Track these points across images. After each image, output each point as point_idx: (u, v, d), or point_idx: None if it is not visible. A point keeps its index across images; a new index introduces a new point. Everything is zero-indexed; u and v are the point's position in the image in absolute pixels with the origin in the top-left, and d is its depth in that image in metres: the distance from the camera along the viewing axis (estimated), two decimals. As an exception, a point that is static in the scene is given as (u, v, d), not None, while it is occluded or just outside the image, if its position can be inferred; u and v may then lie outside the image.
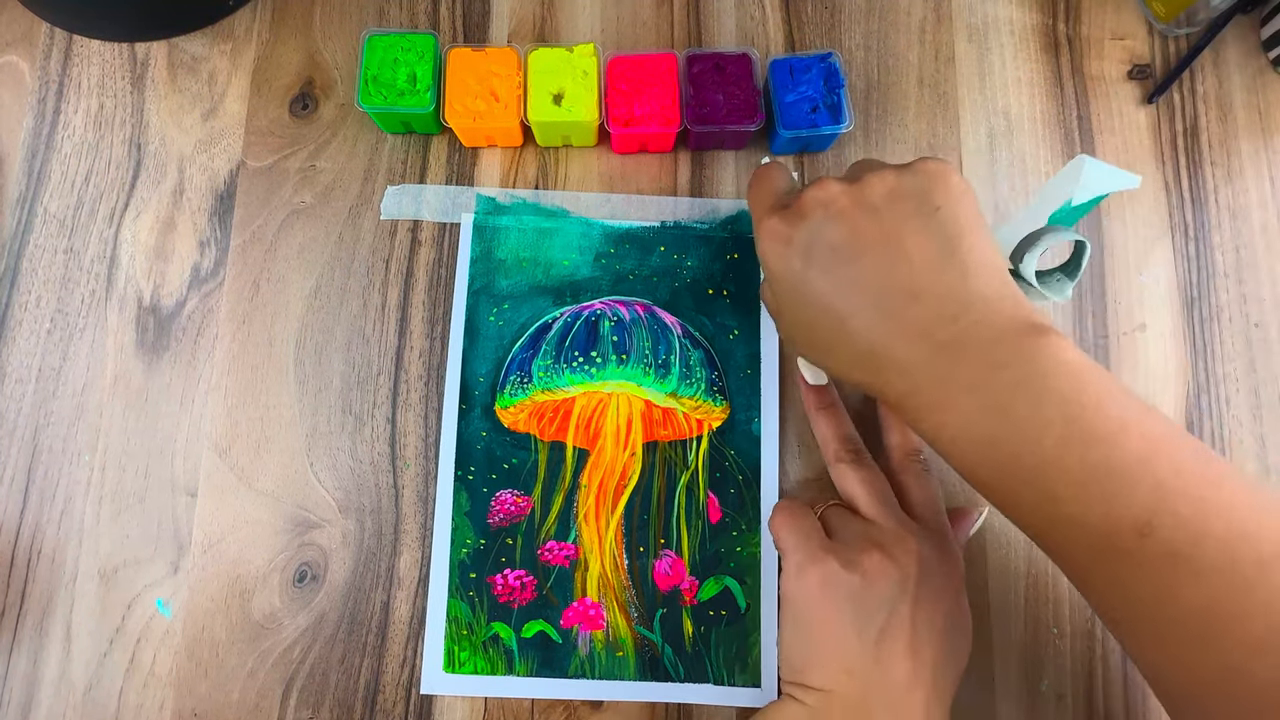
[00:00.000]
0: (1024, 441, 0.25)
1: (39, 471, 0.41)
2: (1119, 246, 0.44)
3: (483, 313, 0.42)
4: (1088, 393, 0.25)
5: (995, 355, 0.26)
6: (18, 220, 0.44)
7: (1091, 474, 0.24)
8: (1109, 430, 0.25)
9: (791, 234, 0.30)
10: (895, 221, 0.28)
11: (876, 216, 0.28)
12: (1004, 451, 0.26)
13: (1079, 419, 0.25)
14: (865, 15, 0.46)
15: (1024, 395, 0.25)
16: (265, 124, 0.45)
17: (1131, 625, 0.27)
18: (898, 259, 0.28)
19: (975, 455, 0.27)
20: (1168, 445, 0.25)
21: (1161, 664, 0.26)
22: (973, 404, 0.26)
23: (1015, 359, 0.26)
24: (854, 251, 0.28)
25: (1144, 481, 0.24)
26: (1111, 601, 0.27)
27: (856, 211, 0.29)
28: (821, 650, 0.32)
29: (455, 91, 0.42)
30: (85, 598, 0.40)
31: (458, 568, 0.40)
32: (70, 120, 0.45)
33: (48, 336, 0.42)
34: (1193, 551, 0.24)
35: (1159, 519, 0.24)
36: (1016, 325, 0.26)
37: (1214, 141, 0.45)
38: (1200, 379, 0.42)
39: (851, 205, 0.29)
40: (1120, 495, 0.24)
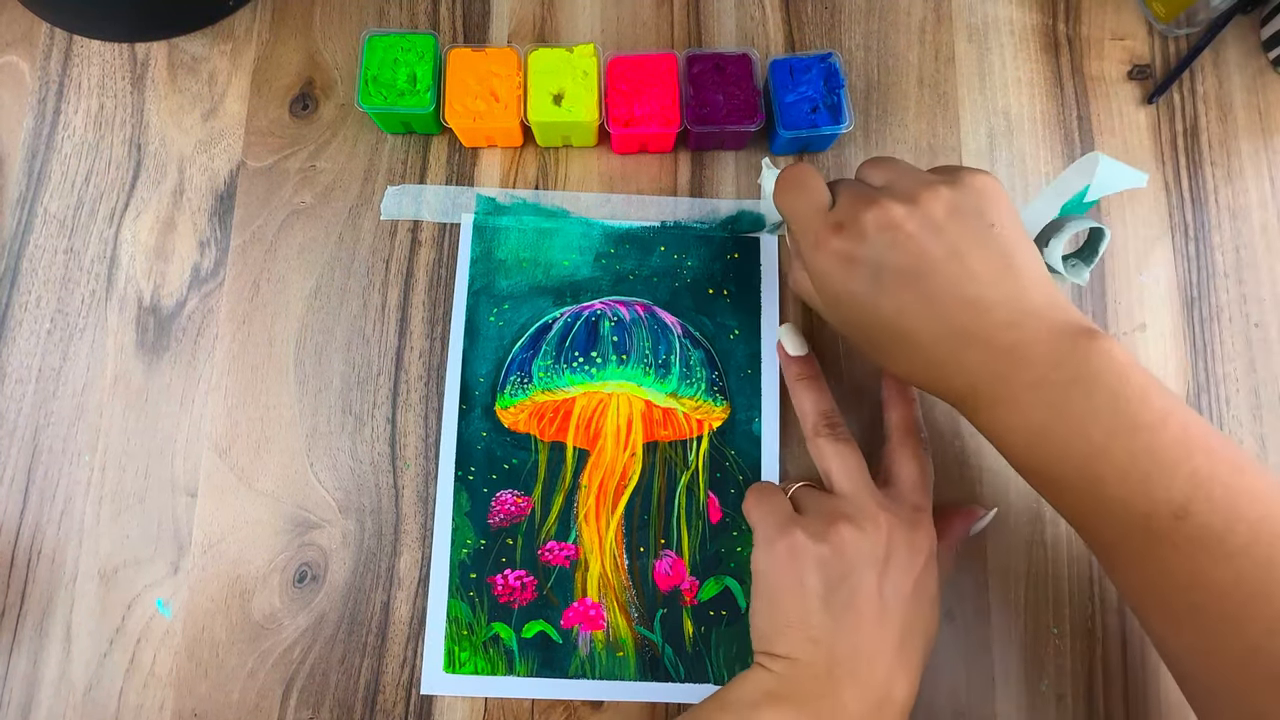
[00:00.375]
0: (1074, 431, 0.28)
1: (39, 472, 0.41)
2: (1119, 246, 0.44)
3: (483, 313, 0.42)
4: (1132, 386, 0.27)
5: (1053, 356, 0.28)
6: (18, 220, 0.44)
7: (1134, 460, 0.27)
8: (1151, 420, 0.27)
9: (855, 255, 0.30)
10: (958, 241, 0.29)
11: (941, 237, 0.29)
12: (1055, 440, 0.28)
13: (1125, 411, 0.27)
14: (865, 15, 0.46)
15: (1078, 391, 0.27)
16: (265, 124, 0.45)
17: (1162, 607, 0.28)
18: (963, 276, 0.29)
19: (1027, 444, 0.29)
20: (1202, 435, 0.27)
21: (1187, 647, 0.28)
22: (1031, 399, 0.28)
23: (1070, 359, 0.28)
24: (921, 272, 0.29)
25: (1182, 467, 0.26)
26: (1144, 583, 0.29)
27: (923, 234, 0.30)
28: (787, 618, 0.33)
29: (455, 92, 0.42)
30: (85, 598, 0.40)
31: (458, 568, 0.40)
32: (70, 120, 0.45)
33: (48, 337, 0.42)
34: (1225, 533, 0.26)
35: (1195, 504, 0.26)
36: (1071, 329, 0.28)
37: (1214, 142, 0.45)
38: (1200, 379, 0.42)
39: (918, 229, 0.30)
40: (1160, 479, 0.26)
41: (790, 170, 0.34)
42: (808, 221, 0.32)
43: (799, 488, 0.37)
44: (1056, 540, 0.41)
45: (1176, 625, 0.28)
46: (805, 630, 0.32)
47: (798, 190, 0.34)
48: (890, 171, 0.32)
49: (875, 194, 0.31)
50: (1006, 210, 0.31)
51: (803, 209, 0.33)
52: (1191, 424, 0.27)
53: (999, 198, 0.31)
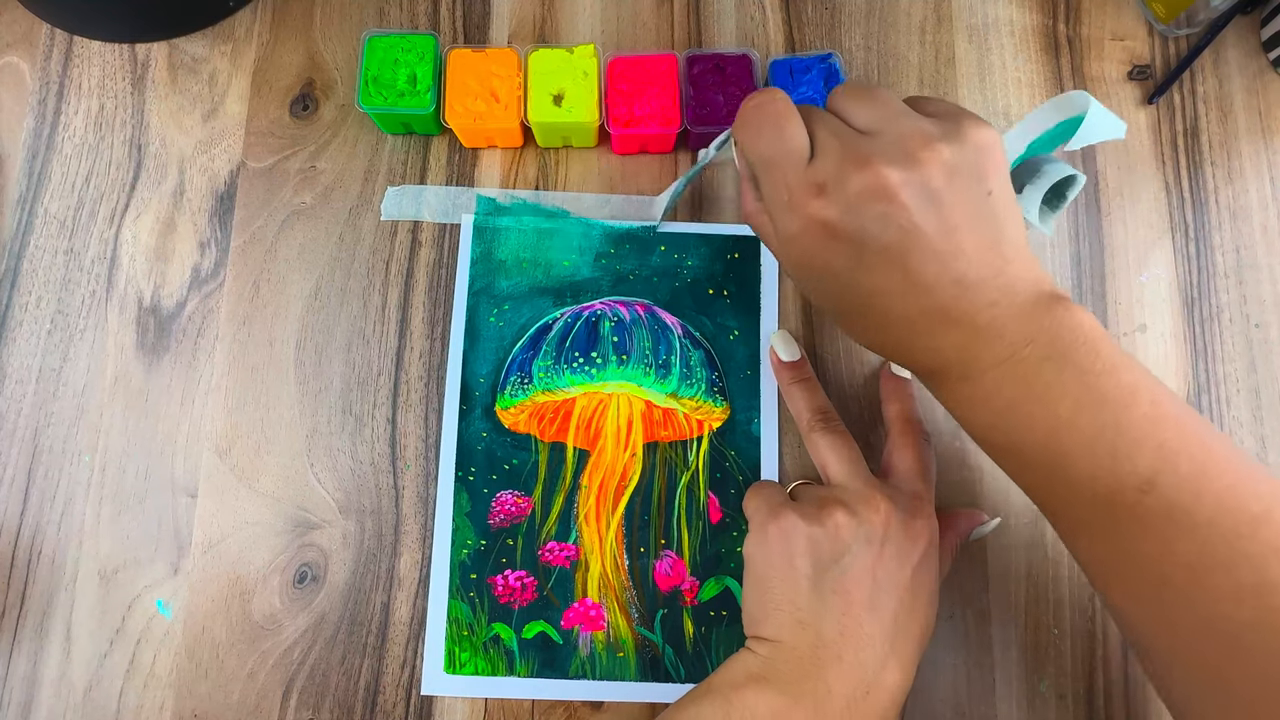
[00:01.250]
0: (1042, 406, 0.27)
1: (39, 472, 0.41)
2: (1119, 247, 0.44)
3: (483, 313, 0.42)
4: (1102, 359, 0.26)
5: (1026, 331, 0.27)
6: (18, 221, 0.44)
7: (1101, 433, 0.26)
8: (1120, 394, 0.26)
9: (837, 226, 0.27)
10: (953, 213, 0.26)
11: (937, 210, 0.26)
12: (1022, 414, 0.27)
13: (1094, 385, 0.26)
14: (865, 16, 0.46)
15: (1048, 366, 0.27)
16: (265, 125, 0.45)
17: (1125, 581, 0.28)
18: (953, 254, 0.27)
19: (993, 418, 0.28)
20: (1172, 411, 0.26)
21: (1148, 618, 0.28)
22: (1000, 374, 0.27)
23: (1041, 333, 0.27)
24: (909, 250, 0.27)
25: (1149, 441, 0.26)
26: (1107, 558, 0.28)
27: (918, 206, 0.26)
28: (775, 601, 0.32)
29: (455, 92, 0.42)
30: (85, 598, 0.40)
31: (458, 568, 0.40)
32: (71, 121, 0.45)
33: (48, 337, 0.42)
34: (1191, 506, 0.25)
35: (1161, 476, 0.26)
36: (1044, 300, 0.27)
37: (1214, 142, 0.45)
38: (1200, 379, 0.42)
39: (913, 199, 0.26)
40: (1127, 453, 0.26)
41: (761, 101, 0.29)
42: (781, 174, 0.28)
43: (798, 484, 0.37)
44: (1057, 540, 0.40)
45: (1138, 599, 0.28)
46: (793, 612, 0.32)
47: (772, 131, 0.28)
48: (876, 110, 0.28)
49: (865, 150, 0.27)
50: (1003, 171, 0.28)
51: (776, 156, 0.28)
52: (1161, 399, 0.27)
53: (998, 155, 0.28)
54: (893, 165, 0.26)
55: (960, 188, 0.27)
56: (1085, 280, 0.43)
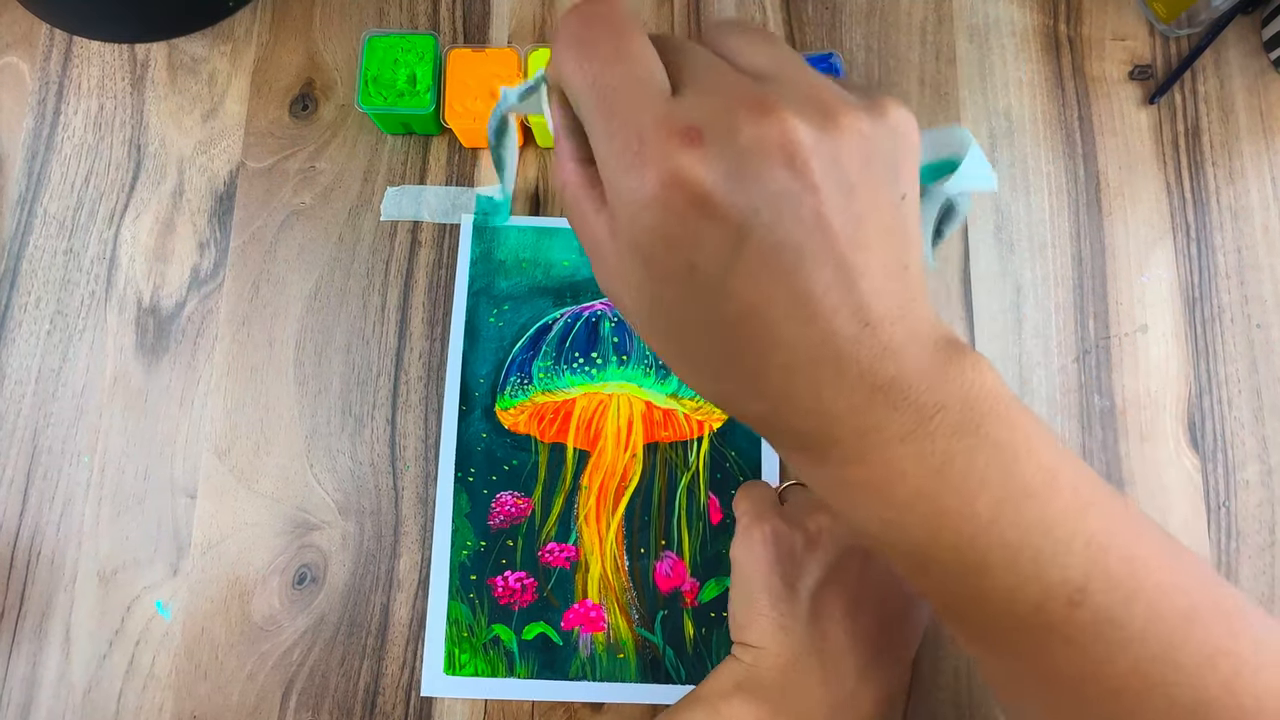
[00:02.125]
0: (957, 500, 0.20)
1: (38, 473, 0.41)
2: (1120, 247, 0.44)
3: (483, 314, 0.42)
4: (1018, 434, 0.20)
5: (936, 395, 0.20)
6: (17, 221, 0.43)
7: (1026, 535, 0.20)
8: (1042, 480, 0.20)
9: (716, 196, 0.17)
10: (866, 213, 0.18)
11: (849, 203, 0.18)
12: (928, 511, 0.20)
13: (1015, 472, 0.20)
14: (866, 16, 0.46)
15: (962, 446, 0.20)
16: (265, 125, 0.45)
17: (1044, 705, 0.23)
18: (860, 273, 0.18)
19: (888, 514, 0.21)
20: (1092, 491, 0.21)
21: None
22: (903, 456, 0.20)
23: (951, 398, 0.20)
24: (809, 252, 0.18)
25: (1077, 539, 0.20)
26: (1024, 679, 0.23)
27: (829, 190, 0.18)
28: (758, 606, 0.32)
29: (455, 92, 0.42)
30: (84, 599, 0.39)
31: (458, 570, 0.40)
32: (70, 121, 0.45)
33: (47, 338, 0.42)
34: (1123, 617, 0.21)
35: (1093, 582, 0.20)
36: (945, 348, 0.20)
37: (1215, 142, 0.45)
38: (1202, 380, 0.42)
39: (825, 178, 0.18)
40: (1054, 558, 0.20)
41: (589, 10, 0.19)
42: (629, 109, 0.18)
43: (790, 485, 0.37)
44: (1058, 542, 0.40)
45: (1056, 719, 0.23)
46: (776, 618, 0.31)
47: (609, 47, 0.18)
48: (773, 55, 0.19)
49: (764, 92, 0.18)
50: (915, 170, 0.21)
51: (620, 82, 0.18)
52: (1080, 479, 0.21)
53: (915, 151, 0.21)
54: (803, 119, 0.17)
55: (876, 179, 0.19)
56: (1086, 280, 0.43)
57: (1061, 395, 0.42)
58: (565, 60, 0.19)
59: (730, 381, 0.21)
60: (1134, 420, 0.42)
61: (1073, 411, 0.42)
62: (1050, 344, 0.43)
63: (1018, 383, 0.42)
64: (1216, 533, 0.40)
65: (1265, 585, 0.40)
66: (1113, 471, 0.41)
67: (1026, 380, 0.42)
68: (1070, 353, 0.42)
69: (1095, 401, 0.42)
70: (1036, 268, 0.43)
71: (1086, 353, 0.42)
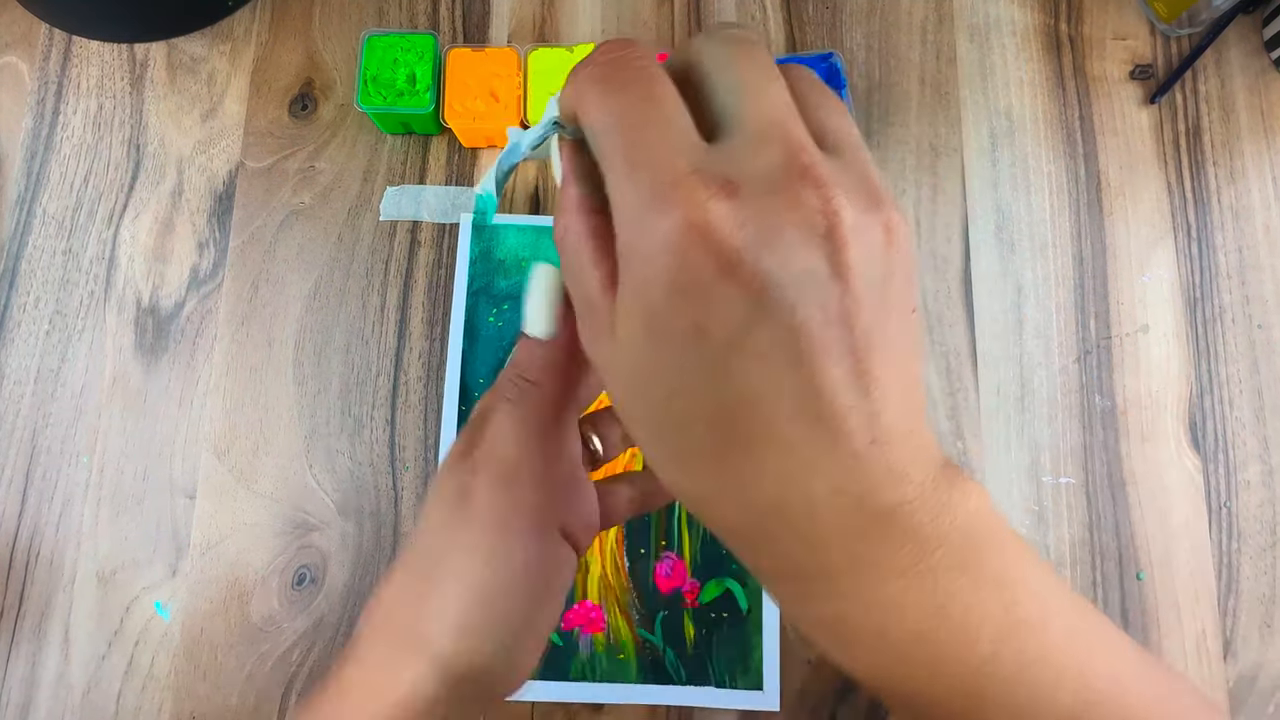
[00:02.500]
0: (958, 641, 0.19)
1: (37, 473, 0.41)
2: (1121, 247, 0.44)
3: (482, 313, 0.42)
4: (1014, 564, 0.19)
5: (938, 526, 0.18)
6: (17, 221, 0.43)
7: (1024, 670, 0.19)
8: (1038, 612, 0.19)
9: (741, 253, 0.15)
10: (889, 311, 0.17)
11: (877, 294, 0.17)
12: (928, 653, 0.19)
13: (1012, 605, 0.19)
14: (866, 15, 0.46)
15: (962, 580, 0.18)
16: (264, 125, 0.45)
17: None
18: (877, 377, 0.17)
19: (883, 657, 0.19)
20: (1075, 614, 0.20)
21: None
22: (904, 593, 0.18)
23: (953, 530, 0.18)
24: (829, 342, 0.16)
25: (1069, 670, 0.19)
26: None
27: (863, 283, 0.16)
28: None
29: (455, 92, 0.42)
30: (84, 600, 0.39)
31: (457, 570, 0.40)
32: (69, 121, 0.45)
33: (46, 338, 0.42)
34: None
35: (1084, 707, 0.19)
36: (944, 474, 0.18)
37: (1216, 142, 0.45)
38: (1203, 380, 0.42)
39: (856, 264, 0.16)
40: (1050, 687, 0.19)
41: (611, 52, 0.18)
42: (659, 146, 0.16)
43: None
44: (1060, 541, 0.40)
45: None
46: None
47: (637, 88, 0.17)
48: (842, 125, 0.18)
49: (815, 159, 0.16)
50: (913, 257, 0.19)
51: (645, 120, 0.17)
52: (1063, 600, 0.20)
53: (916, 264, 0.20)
54: (851, 201, 0.16)
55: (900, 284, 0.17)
56: (1087, 280, 0.43)
57: (1063, 395, 0.42)
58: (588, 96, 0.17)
59: (713, 480, 0.18)
60: (1135, 420, 0.42)
61: (1074, 412, 0.42)
62: (1051, 344, 0.42)
63: (1018, 384, 0.42)
64: (1218, 533, 0.40)
65: (1266, 586, 0.40)
66: (1114, 472, 0.41)
67: (1028, 381, 0.42)
68: (1071, 353, 0.42)
69: (1096, 402, 0.42)
70: (1037, 268, 0.43)
71: (1088, 353, 0.42)
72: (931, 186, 0.44)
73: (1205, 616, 0.40)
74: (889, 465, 0.17)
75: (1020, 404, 0.42)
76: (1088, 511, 0.41)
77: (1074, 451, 0.41)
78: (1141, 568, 0.40)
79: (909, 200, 0.44)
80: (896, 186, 0.44)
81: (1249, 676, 0.39)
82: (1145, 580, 0.40)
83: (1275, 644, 0.39)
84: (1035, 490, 0.41)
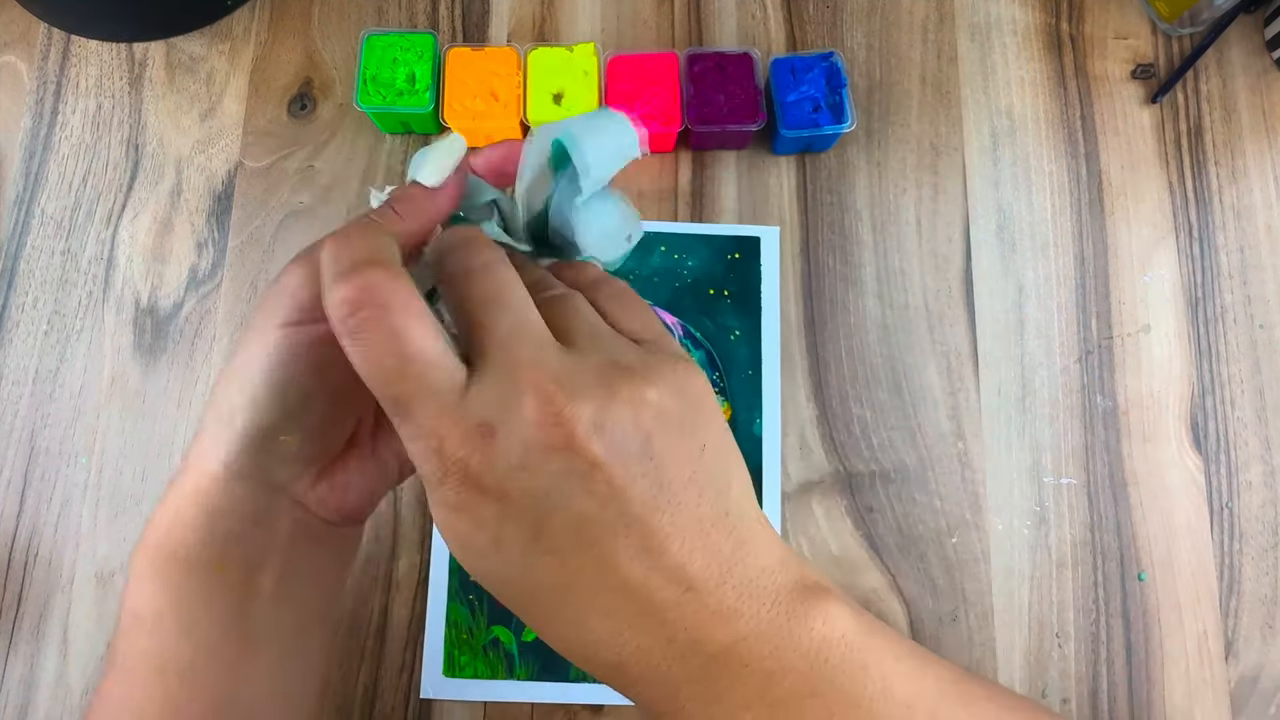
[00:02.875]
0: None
1: (36, 474, 0.41)
2: (1123, 247, 0.43)
3: (482, 314, 0.42)
4: (872, 678, 0.20)
5: (781, 656, 0.19)
6: (15, 221, 0.43)
7: None
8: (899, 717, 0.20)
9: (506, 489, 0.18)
10: (666, 476, 0.19)
11: (645, 471, 0.18)
12: None
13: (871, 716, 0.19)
14: (867, 14, 0.46)
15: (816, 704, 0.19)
16: (263, 124, 0.44)
17: None
18: (671, 536, 0.18)
19: None
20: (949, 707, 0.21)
21: None
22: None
23: (799, 658, 0.19)
24: (609, 528, 0.18)
25: None
26: None
27: (618, 465, 0.18)
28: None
29: (454, 91, 0.42)
30: (82, 601, 0.39)
31: (457, 571, 0.39)
32: (68, 121, 0.44)
33: (44, 338, 0.42)
34: None
35: None
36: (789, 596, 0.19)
37: (1218, 142, 0.45)
38: (1205, 381, 0.42)
39: (611, 454, 0.18)
40: None
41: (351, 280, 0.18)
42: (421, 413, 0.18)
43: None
44: (1060, 542, 0.40)
45: None
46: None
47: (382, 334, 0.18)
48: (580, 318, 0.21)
49: (546, 373, 0.18)
50: (716, 418, 0.21)
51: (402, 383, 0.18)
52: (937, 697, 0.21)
53: (707, 399, 0.20)
54: (584, 399, 0.18)
55: (666, 441, 0.19)
56: (1088, 280, 0.43)
57: (1064, 396, 0.42)
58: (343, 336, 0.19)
59: (556, 641, 0.20)
60: (1136, 421, 0.41)
61: (1075, 412, 0.42)
62: (1053, 344, 0.42)
63: (1019, 384, 0.42)
64: (1219, 534, 0.40)
65: (1268, 587, 0.40)
66: (1115, 472, 0.41)
67: (1029, 381, 0.42)
68: (1073, 353, 0.42)
69: (1098, 402, 0.42)
70: (1039, 268, 0.43)
71: (1089, 353, 0.42)
72: (932, 186, 0.44)
73: (1207, 617, 0.39)
74: (713, 608, 0.19)
75: (1021, 404, 0.42)
76: (1089, 512, 0.41)
77: (1075, 452, 0.41)
78: (1143, 568, 0.40)
79: (910, 200, 0.44)
80: (897, 186, 0.44)
81: (1250, 677, 0.39)
82: (1147, 581, 0.40)
83: (1277, 645, 0.39)
84: (1036, 491, 0.41)
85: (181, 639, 0.23)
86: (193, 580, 0.23)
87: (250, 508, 0.23)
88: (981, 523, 0.40)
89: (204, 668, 0.23)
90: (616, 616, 0.19)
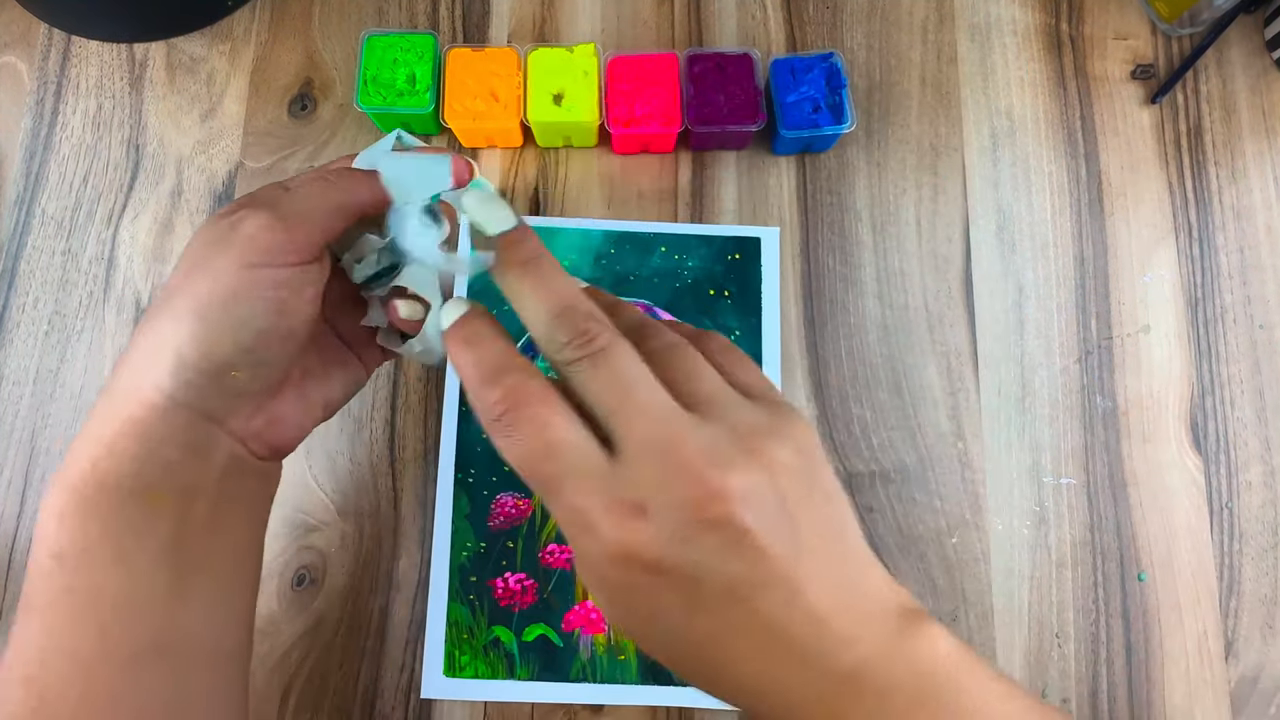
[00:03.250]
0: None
1: (36, 474, 0.41)
2: (1122, 247, 0.44)
3: (483, 314, 0.42)
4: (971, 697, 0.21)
5: (892, 674, 0.21)
6: (16, 221, 0.43)
7: None
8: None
9: (663, 562, 0.20)
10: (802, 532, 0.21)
11: (788, 531, 0.20)
12: None
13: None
14: (867, 15, 0.46)
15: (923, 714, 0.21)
16: (264, 124, 0.44)
17: None
18: (807, 581, 0.21)
19: None
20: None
21: None
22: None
23: (908, 676, 0.21)
24: (758, 584, 0.20)
25: None
26: None
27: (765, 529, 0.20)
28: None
29: (455, 92, 0.42)
30: (83, 601, 0.39)
31: (458, 571, 0.39)
32: (69, 121, 0.45)
33: (45, 339, 0.42)
34: None
35: None
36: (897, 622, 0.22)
37: (1218, 142, 0.45)
38: (1205, 381, 0.42)
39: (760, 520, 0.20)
40: None
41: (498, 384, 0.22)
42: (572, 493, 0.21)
43: None
44: (1060, 542, 0.40)
45: None
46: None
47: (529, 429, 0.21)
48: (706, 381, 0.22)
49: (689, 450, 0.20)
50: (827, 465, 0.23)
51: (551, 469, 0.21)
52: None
53: (819, 448, 0.22)
54: (735, 470, 0.20)
55: (798, 498, 0.21)
56: (1088, 281, 0.43)
57: (1064, 396, 0.42)
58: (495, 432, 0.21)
59: (697, 678, 0.23)
60: (1136, 421, 0.42)
61: (1075, 412, 0.42)
62: (1052, 345, 0.42)
63: (1019, 385, 0.42)
64: (1219, 534, 0.40)
65: (1268, 587, 0.40)
66: (1115, 472, 0.41)
67: (1029, 381, 0.42)
68: (1072, 353, 0.42)
69: (1097, 402, 0.42)
70: (1038, 268, 0.43)
71: (1089, 353, 0.42)
72: (932, 186, 0.44)
73: (1207, 617, 0.39)
74: (840, 636, 0.21)
75: (1021, 404, 0.42)
76: (1089, 512, 0.41)
77: (1075, 452, 0.41)
78: (1143, 568, 0.40)
79: (909, 200, 0.44)
80: (897, 186, 0.44)
81: (1250, 677, 0.39)
82: (1146, 581, 0.40)
83: (1277, 645, 0.39)
84: (1036, 491, 0.41)
85: (114, 571, 0.23)
86: (126, 510, 0.23)
87: (189, 437, 0.24)
88: (981, 523, 0.40)
89: (140, 599, 0.23)
90: (763, 656, 0.21)
